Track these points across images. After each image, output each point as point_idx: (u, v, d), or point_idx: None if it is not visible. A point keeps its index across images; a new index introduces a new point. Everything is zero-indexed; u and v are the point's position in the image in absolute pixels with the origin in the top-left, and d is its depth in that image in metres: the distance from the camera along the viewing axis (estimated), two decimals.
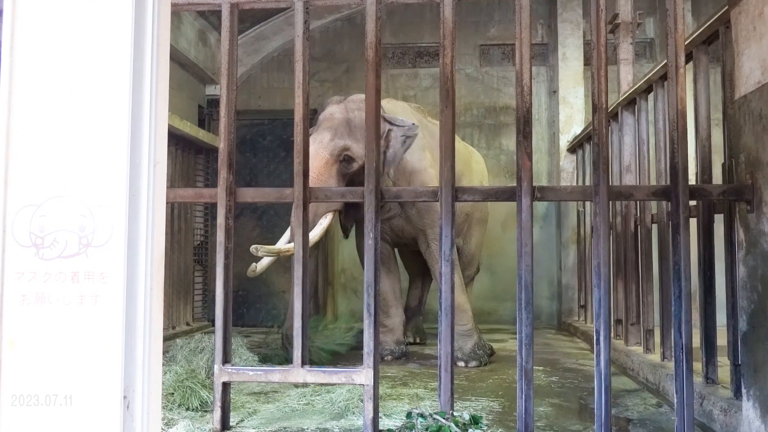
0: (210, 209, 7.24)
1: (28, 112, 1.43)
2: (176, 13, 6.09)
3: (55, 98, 1.43)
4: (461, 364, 4.74)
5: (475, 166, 5.76)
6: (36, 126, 1.42)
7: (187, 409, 3.33)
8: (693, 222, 3.18)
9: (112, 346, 1.32)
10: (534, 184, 2.95)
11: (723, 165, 3.16)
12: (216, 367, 3.06)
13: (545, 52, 8.25)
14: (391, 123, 4.71)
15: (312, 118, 6.66)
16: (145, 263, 1.35)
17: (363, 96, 5.05)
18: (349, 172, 4.69)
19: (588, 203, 6.24)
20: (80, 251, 1.36)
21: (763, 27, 2.68)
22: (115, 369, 1.33)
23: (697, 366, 3.25)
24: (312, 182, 4.36)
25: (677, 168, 2.89)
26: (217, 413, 3.02)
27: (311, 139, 4.57)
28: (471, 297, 5.58)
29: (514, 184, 2.98)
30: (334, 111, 4.84)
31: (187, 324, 6.82)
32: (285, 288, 7.42)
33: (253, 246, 4.10)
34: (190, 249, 7.09)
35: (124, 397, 1.31)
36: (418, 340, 5.92)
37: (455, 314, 4.73)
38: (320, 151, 4.57)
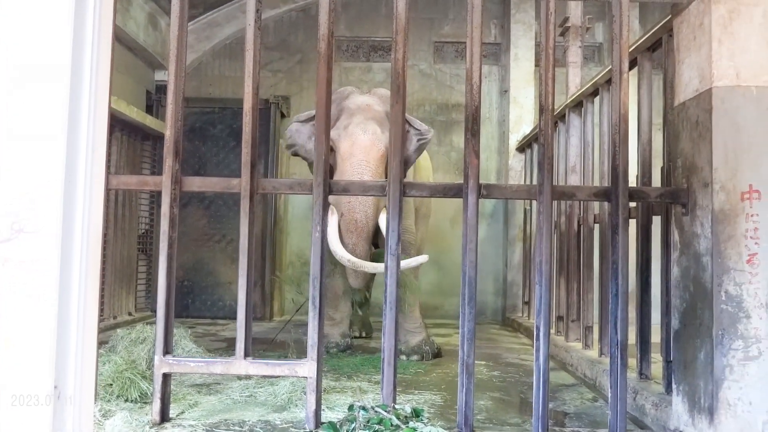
0: (156, 197, 7.08)
1: None
2: None
3: None
4: (403, 357, 4.77)
5: (423, 163, 5.79)
6: None
7: (126, 400, 3.27)
8: (632, 223, 3.29)
9: (43, 335, 1.29)
10: (481, 181, 2.99)
11: (662, 169, 3.27)
12: (156, 357, 3.01)
13: (498, 52, 8.36)
14: (409, 124, 4.68)
15: (262, 108, 6.55)
16: (81, 250, 1.31)
17: (388, 91, 5.02)
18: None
19: (534, 202, 6.36)
20: (12, 237, 1.31)
21: (702, 37, 2.78)
22: (47, 358, 1.29)
23: (633, 362, 3.36)
24: (370, 174, 4.34)
25: (618, 170, 2.98)
26: (157, 405, 2.97)
27: (359, 129, 4.48)
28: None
29: (462, 181, 3.01)
30: (370, 102, 4.69)
31: (129, 314, 6.68)
32: (231, 279, 7.34)
33: None
34: (134, 237, 6.94)
35: (55, 387, 1.28)
36: (363, 334, 5.93)
37: (405, 313, 4.77)
38: (376, 143, 4.46)
